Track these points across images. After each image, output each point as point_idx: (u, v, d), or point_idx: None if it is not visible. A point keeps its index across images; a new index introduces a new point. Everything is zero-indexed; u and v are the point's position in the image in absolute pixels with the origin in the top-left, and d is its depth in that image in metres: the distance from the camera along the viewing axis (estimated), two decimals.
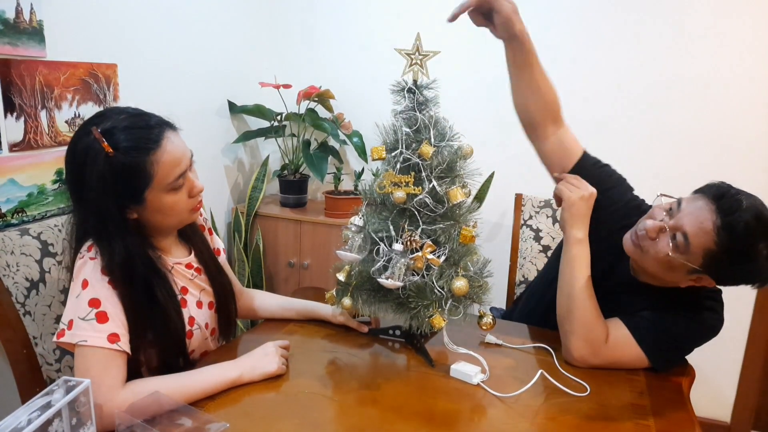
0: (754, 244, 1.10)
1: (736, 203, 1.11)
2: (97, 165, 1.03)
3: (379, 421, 1.05)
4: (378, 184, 1.19)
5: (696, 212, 1.14)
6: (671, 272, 1.20)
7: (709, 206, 1.14)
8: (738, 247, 1.10)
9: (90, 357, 1.01)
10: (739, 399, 2.29)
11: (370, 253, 1.21)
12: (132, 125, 1.06)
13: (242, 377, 1.13)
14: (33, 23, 1.52)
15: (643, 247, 1.22)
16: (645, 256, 1.22)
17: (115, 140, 1.04)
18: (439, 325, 1.14)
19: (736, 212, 1.10)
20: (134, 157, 1.04)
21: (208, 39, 2.28)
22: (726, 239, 1.10)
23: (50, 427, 0.79)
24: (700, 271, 1.16)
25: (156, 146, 1.06)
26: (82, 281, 1.06)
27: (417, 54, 1.19)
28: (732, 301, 2.21)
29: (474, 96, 2.37)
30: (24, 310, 1.25)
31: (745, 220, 1.09)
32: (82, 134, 1.06)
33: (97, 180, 1.04)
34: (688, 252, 1.14)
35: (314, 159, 2.38)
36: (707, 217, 1.13)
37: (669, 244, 1.16)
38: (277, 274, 2.48)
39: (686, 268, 1.17)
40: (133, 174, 1.05)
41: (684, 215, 1.16)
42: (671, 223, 1.17)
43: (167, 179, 1.08)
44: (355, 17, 2.54)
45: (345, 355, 1.32)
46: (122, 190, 1.06)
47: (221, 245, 1.44)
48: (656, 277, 1.25)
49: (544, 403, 1.14)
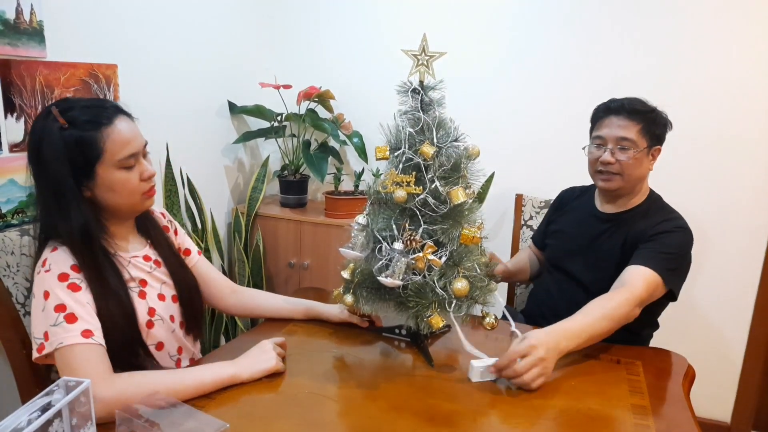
0: (643, 103, 1.58)
1: (619, 100, 1.59)
2: (53, 138, 1.10)
3: (380, 421, 1.05)
4: (381, 183, 1.20)
5: (612, 123, 1.57)
6: (642, 167, 1.56)
7: (614, 115, 1.57)
8: (645, 109, 1.56)
9: (70, 356, 1.03)
10: (739, 399, 2.29)
11: (372, 251, 1.21)
12: (88, 105, 1.15)
13: (239, 375, 1.13)
14: (33, 24, 1.52)
15: (621, 175, 1.55)
16: (629, 177, 1.55)
17: (70, 116, 1.11)
18: (437, 325, 1.14)
19: (623, 99, 1.59)
20: (87, 130, 1.11)
21: (208, 39, 2.28)
22: (637, 116, 1.55)
23: (50, 427, 0.79)
24: (650, 147, 1.56)
25: (108, 122, 1.13)
26: (43, 293, 1.08)
27: (423, 55, 1.19)
28: (732, 302, 2.23)
29: (474, 96, 2.37)
30: (24, 311, 1.25)
31: (632, 99, 1.59)
32: (42, 115, 1.13)
33: (52, 153, 1.10)
34: (638, 144, 1.54)
35: (314, 159, 2.37)
36: (619, 119, 1.56)
37: (628, 153, 1.53)
38: (278, 275, 2.48)
39: (644, 154, 1.55)
40: (86, 146, 1.11)
41: (611, 132, 1.56)
42: (610, 146, 1.56)
43: (117, 155, 1.13)
44: (356, 17, 2.54)
45: (345, 354, 1.32)
46: (76, 163, 1.11)
47: (193, 246, 1.46)
48: (635, 185, 1.59)
49: (545, 403, 1.14)
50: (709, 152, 2.16)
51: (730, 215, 2.18)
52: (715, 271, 2.23)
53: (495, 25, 2.33)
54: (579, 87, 2.26)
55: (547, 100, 2.32)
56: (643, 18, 2.16)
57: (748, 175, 2.14)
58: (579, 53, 2.25)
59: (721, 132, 2.14)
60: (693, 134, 2.17)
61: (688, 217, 1.56)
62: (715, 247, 2.21)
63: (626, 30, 2.19)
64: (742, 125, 2.12)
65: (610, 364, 1.32)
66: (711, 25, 2.09)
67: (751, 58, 2.07)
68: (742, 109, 2.11)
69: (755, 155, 2.12)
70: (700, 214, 2.20)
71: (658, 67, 2.17)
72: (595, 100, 1.68)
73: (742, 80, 2.09)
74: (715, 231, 2.20)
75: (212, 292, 1.47)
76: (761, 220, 2.16)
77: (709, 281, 2.24)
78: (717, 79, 2.12)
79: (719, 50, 2.10)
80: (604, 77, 2.23)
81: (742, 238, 2.18)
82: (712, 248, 2.21)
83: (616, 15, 2.19)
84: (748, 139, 2.12)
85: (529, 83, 2.32)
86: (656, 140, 1.57)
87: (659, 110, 1.59)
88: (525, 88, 2.33)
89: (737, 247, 2.19)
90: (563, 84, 2.29)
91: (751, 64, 2.07)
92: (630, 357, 1.36)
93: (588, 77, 2.25)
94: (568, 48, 2.26)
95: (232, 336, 2.38)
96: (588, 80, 2.25)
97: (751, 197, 2.15)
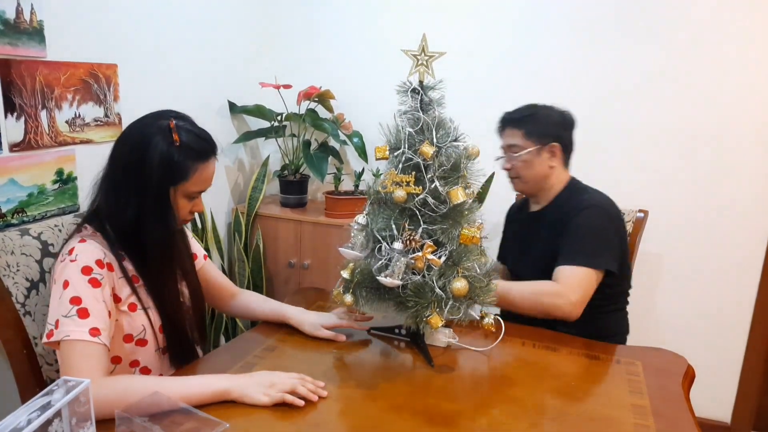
0: (533, 108, 1.68)
1: (507, 112, 1.71)
2: (159, 147, 1.15)
3: (379, 421, 1.05)
4: (380, 183, 1.20)
5: (505, 134, 1.69)
6: (538, 166, 1.64)
7: (505, 126, 1.69)
8: (523, 115, 1.66)
9: (71, 350, 1.05)
10: (739, 399, 2.28)
11: (372, 251, 1.21)
12: (200, 135, 1.21)
13: (230, 392, 1.07)
14: (33, 23, 1.52)
15: (519, 177, 1.68)
16: (526, 178, 1.66)
17: (183, 137, 1.17)
18: (436, 325, 1.14)
19: (511, 111, 1.70)
20: (189, 158, 1.17)
21: (208, 39, 2.28)
22: (517, 122, 1.66)
23: (50, 427, 0.79)
24: (541, 147, 1.63)
25: (205, 160, 1.20)
26: (63, 282, 1.10)
27: (423, 55, 1.19)
28: (732, 302, 2.23)
29: (474, 96, 2.37)
30: (24, 310, 1.25)
31: (518, 107, 1.70)
32: (157, 118, 1.19)
33: (151, 158, 1.15)
34: (524, 147, 1.63)
35: (314, 159, 2.37)
36: (507, 129, 1.68)
37: (516, 157, 1.64)
38: (278, 275, 2.48)
39: (535, 154, 1.63)
40: (179, 170, 1.17)
41: (504, 141, 1.70)
42: (507, 154, 1.69)
43: (192, 188, 1.20)
44: (356, 17, 2.54)
45: (345, 354, 1.32)
46: (161, 175, 1.15)
47: (200, 251, 1.47)
48: (539, 183, 1.67)
49: (545, 403, 1.14)
50: (710, 152, 2.16)
51: (730, 215, 2.18)
52: (715, 272, 2.23)
53: (495, 25, 2.33)
54: (579, 87, 2.25)
55: (547, 100, 2.31)
56: (643, 17, 2.16)
57: (748, 175, 2.14)
58: (579, 53, 2.25)
59: (721, 132, 2.14)
60: (693, 134, 2.17)
61: (688, 216, 1.57)
62: (715, 248, 2.21)
63: (627, 29, 2.18)
64: (742, 125, 2.12)
65: (610, 364, 1.32)
66: (712, 25, 2.09)
67: (751, 58, 2.07)
68: (742, 109, 2.11)
69: (756, 155, 2.12)
70: (700, 214, 2.21)
71: (658, 67, 2.17)
72: (595, 99, 1.69)
73: (743, 80, 2.09)
74: (715, 231, 2.20)
75: (214, 296, 1.49)
76: (761, 220, 2.15)
77: (709, 281, 2.24)
78: (718, 79, 2.12)
79: (720, 50, 2.10)
80: (604, 77, 2.23)
81: (741, 239, 2.18)
82: (712, 248, 2.21)
83: (616, 14, 2.19)
84: (748, 139, 2.12)
85: (529, 83, 2.32)
86: (546, 138, 1.64)
87: (543, 110, 1.67)
88: (525, 87, 2.33)
89: (737, 247, 2.19)
90: (563, 84, 2.28)
91: (751, 64, 2.07)
92: (630, 357, 1.36)
93: (588, 77, 2.25)
94: (568, 48, 2.26)
95: (232, 336, 2.39)
96: (588, 80, 2.25)
97: (751, 197, 2.15)
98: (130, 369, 1.22)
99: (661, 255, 2.25)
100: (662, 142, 2.20)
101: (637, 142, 2.22)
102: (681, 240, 2.23)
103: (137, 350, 1.21)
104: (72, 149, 1.68)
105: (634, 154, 2.23)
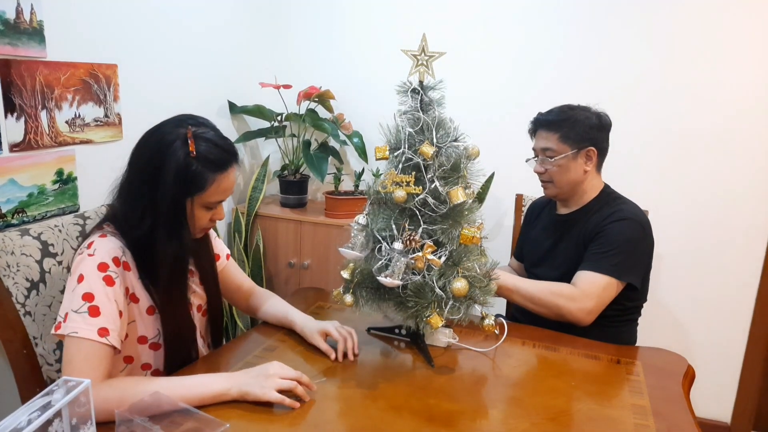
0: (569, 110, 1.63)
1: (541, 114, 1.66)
2: (176, 156, 1.12)
3: (379, 421, 1.05)
4: (380, 183, 1.19)
5: (539, 136, 1.64)
6: (573, 171, 1.59)
7: (539, 128, 1.64)
8: (559, 118, 1.60)
9: (76, 348, 1.04)
10: (739, 399, 2.28)
11: (372, 251, 1.21)
12: (218, 143, 1.16)
13: (229, 392, 1.07)
14: (33, 23, 1.52)
15: (552, 182, 1.62)
16: (559, 183, 1.61)
17: (199, 147, 1.13)
18: (436, 325, 1.14)
19: (545, 112, 1.66)
20: (206, 169, 1.14)
21: (208, 39, 2.28)
22: (553, 125, 1.60)
23: (50, 427, 0.79)
24: (577, 151, 1.58)
25: (224, 169, 1.16)
26: (78, 276, 1.09)
27: (423, 55, 1.19)
28: (732, 301, 2.23)
29: (474, 96, 2.37)
30: (24, 311, 1.25)
31: (552, 109, 1.65)
32: (177, 127, 1.15)
33: (168, 166, 1.12)
34: (560, 151, 1.58)
35: (314, 159, 2.37)
36: (542, 132, 1.63)
37: (552, 161, 1.59)
38: (277, 275, 2.48)
39: (571, 159, 1.58)
40: (196, 180, 1.14)
41: (537, 144, 1.64)
42: (540, 157, 1.63)
43: (210, 198, 1.17)
44: (356, 17, 2.54)
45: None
46: (174, 187, 1.13)
47: (223, 251, 1.45)
48: (573, 188, 1.63)
49: (545, 403, 1.14)
50: (710, 152, 2.16)
51: (730, 215, 2.18)
52: (715, 271, 2.23)
53: (495, 24, 2.33)
54: (579, 87, 2.25)
55: (547, 100, 2.29)
56: (646, 17, 2.16)
57: (748, 174, 2.14)
58: (580, 53, 2.25)
59: (721, 131, 2.14)
60: (693, 133, 2.17)
61: (688, 216, 1.57)
62: (715, 247, 2.21)
63: (628, 29, 2.18)
64: (743, 125, 2.12)
65: (610, 364, 1.32)
66: (712, 25, 2.09)
67: (752, 58, 2.07)
68: (743, 109, 2.11)
69: (756, 155, 2.12)
70: (701, 213, 2.21)
71: (660, 67, 2.17)
72: (596, 99, 1.69)
73: (744, 80, 2.09)
74: (715, 230, 2.20)
75: (233, 296, 1.49)
76: (761, 220, 2.15)
77: (709, 281, 2.24)
78: (718, 79, 2.12)
79: (720, 51, 2.10)
80: (604, 76, 2.23)
81: (742, 238, 2.18)
82: (712, 248, 2.21)
83: (618, 14, 2.19)
84: (749, 138, 2.12)
85: (529, 83, 2.32)
86: (584, 142, 1.58)
87: (580, 112, 1.61)
88: (525, 87, 2.33)
89: (737, 246, 2.19)
90: (563, 83, 2.28)
91: (752, 64, 2.07)
92: (630, 357, 1.36)
93: (588, 77, 2.25)
94: (569, 47, 2.26)
95: (232, 336, 2.39)
96: (588, 80, 2.25)
97: (751, 197, 2.15)
98: (142, 371, 1.22)
99: (661, 255, 2.25)
100: (662, 142, 2.20)
101: (637, 141, 2.22)
102: (681, 240, 2.23)
103: (150, 354, 1.21)
104: (72, 149, 1.68)
105: (634, 153, 2.23)
